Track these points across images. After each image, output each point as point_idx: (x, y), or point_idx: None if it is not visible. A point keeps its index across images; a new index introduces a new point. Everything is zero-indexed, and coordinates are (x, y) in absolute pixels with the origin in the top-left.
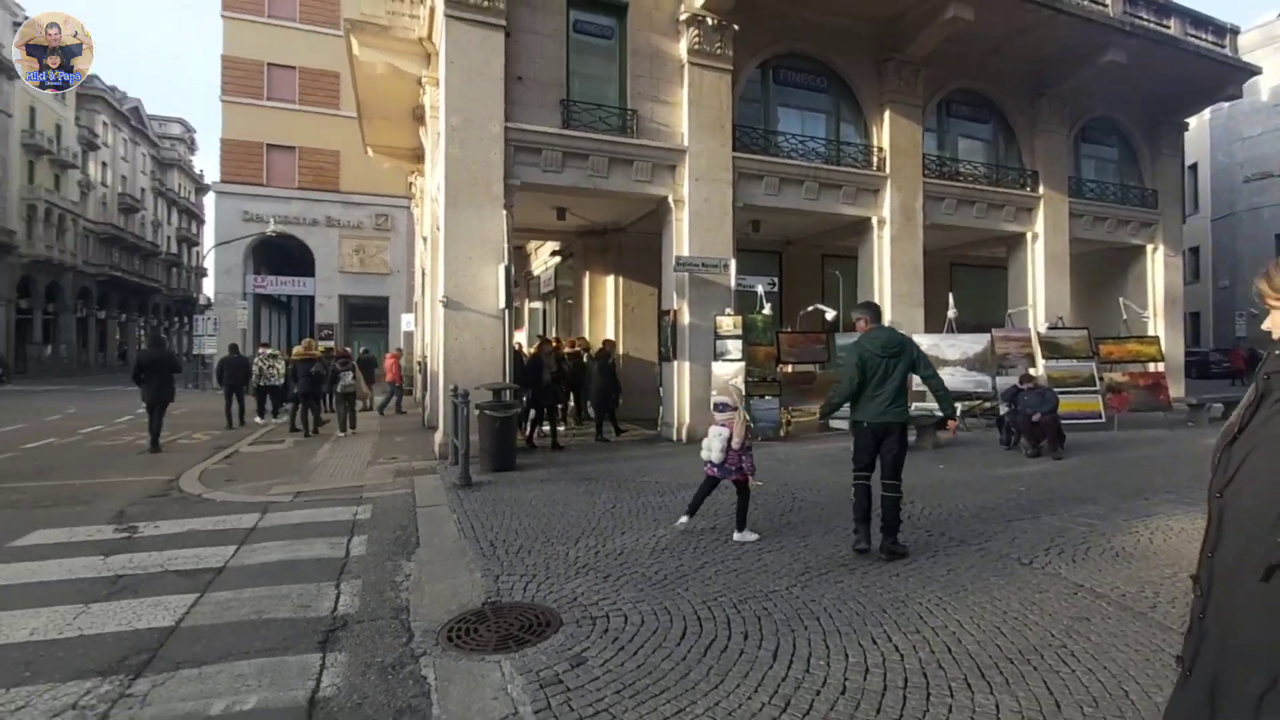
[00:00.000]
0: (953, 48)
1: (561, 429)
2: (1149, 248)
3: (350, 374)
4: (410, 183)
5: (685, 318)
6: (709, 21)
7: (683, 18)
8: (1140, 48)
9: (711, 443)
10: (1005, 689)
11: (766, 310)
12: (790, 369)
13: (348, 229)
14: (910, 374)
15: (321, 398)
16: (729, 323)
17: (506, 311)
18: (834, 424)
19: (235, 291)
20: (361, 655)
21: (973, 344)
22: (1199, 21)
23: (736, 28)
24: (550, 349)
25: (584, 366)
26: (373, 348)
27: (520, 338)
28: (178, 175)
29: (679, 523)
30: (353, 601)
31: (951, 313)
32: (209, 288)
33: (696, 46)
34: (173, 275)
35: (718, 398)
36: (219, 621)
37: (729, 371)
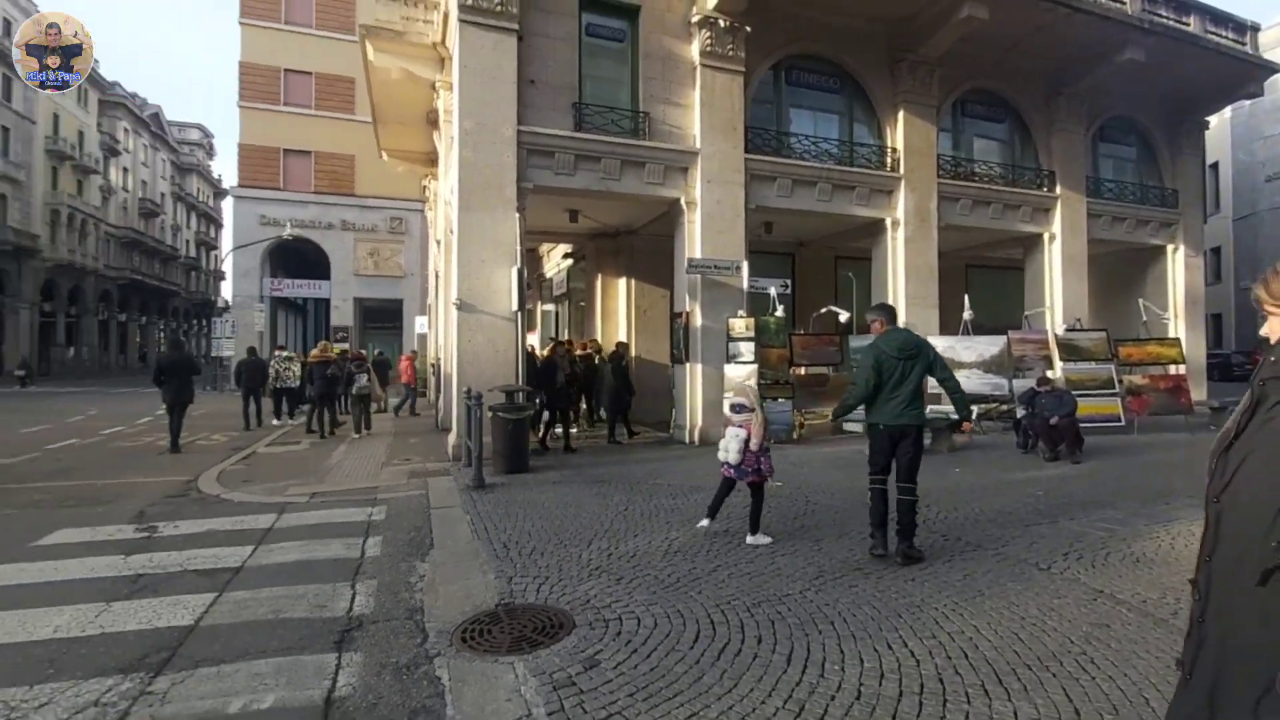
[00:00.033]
0: (967, 47)
1: (574, 431)
2: (1169, 248)
3: (365, 376)
4: (424, 186)
5: (697, 320)
6: (721, 23)
7: (695, 20)
8: (1160, 45)
9: (729, 444)
10: (1023, 696)
11: (779, 312)
12: (803, 371)
13: (362, 232)
14: (926, 376)
15: (337, 400)
16: (741, 325)
17: (519, 314)
18: (847, 427)
19: (253, 294)
20: (377, 655)
21: (989, 346)
22: (1219, 19)
23: (749, 29)
24: (564, 351)
25: (595, 369)
26: (387, 350)
27: (532, 340)
28: (196, 180)
29: (700, 525)
30: (368, 602)
31: (967, 315)
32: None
33: (708, 48)
34: (191, 278)
35: (735, 399)
36: (237, 621)
37: (741, 374)
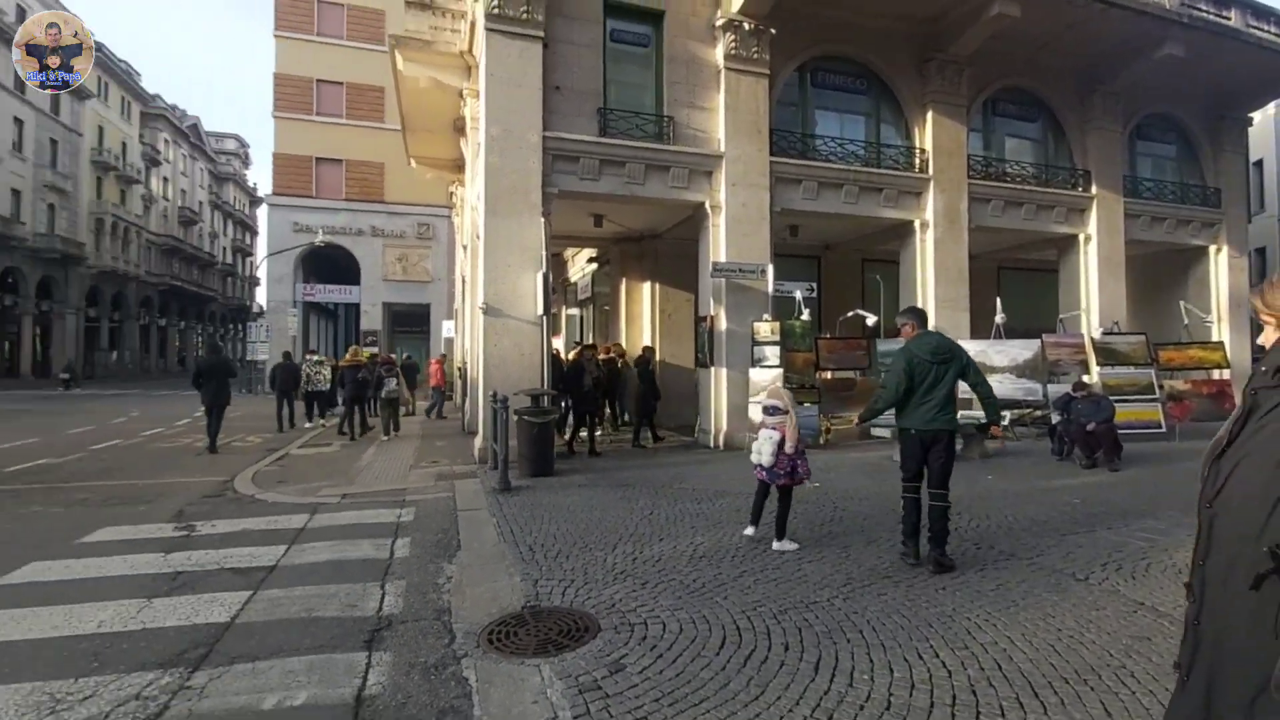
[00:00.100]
0: (998, 45)
1: (598, 434)
2: (1211, 249)
3: (394, 380)
4: (451, 192)
5: (722, 324)
6: (745, 26)
7: (719, 23)
8: (1199, 40)
9: (762, 446)
10: (1060, 710)
11: (805, 316)
12: (829, 375)
13: (391, 238)
14: (958, 381)
15: (367, 403)
16: (767, 329)
17: (545, 318)
18: (875, 432)
19: (286, 300)
20: (405, 655)
21: (1022, 350)
22: (1261, 12)
23: (774, 32)
24: (591, 355)
25: (619, 373)
26: (415, 354)
27: (557, 344)
28: (233, 189)
29: (745, 532)
30: (397, 602)
31: (999, 318)
32: (261, 296)
33: (733, 52)
34: (228, 284)
35: (768, 400)
36: (271, 618)
37: (767, 378)
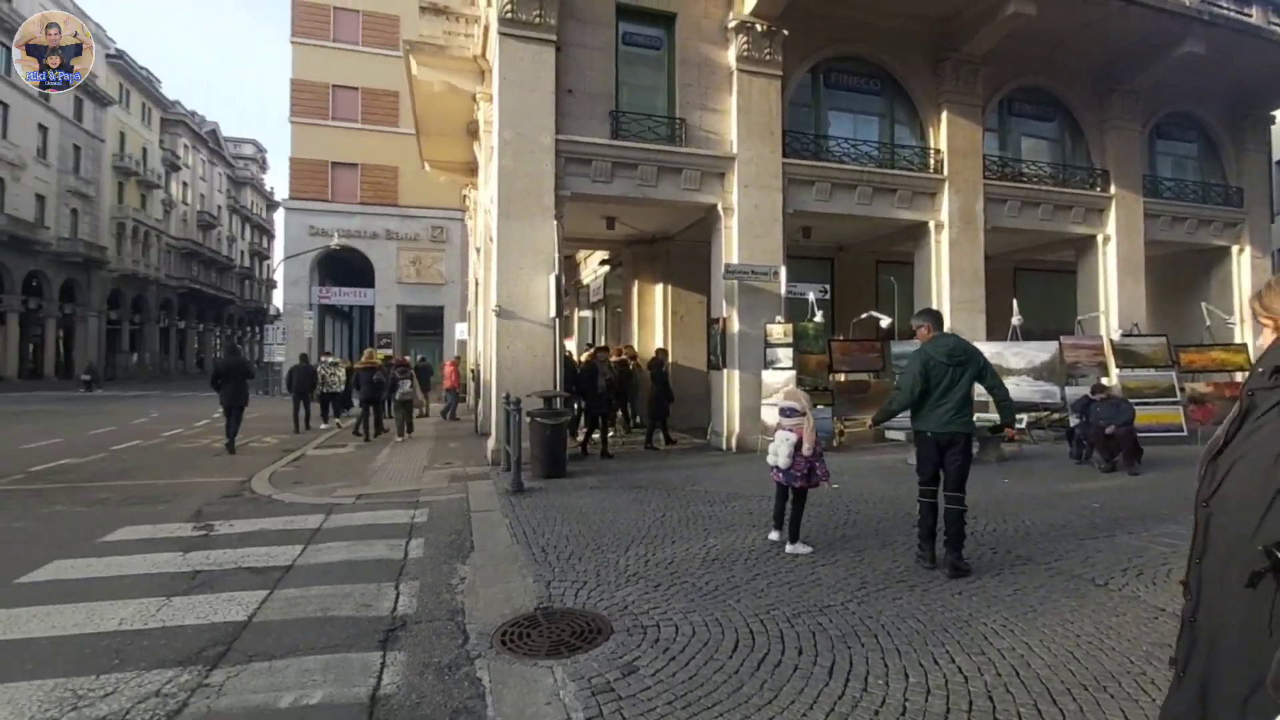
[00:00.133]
0: (1013, 44)
1: (610, 435)
2: (1234, 249)
3: (408, 382)
4: (464, 195)
5: (735, 326)
6: (758, 28)
7: (731, 25)
8: (1220, 38)
9: (778, 447)
10: (1079, 717)
11: (818, 318)
12: (843, 378)
13: (405, 241)
14: (975, 383)
15: (382, 404)
16: (779, 331)
17: (557, 320)
18: (889, 435)
19: (302, 302)
20: (419, 655)
21: (1039, 352)
22: None
23: (786, 33)
24: (605, 356)
25: (630, 375)
26: (428, 356)
27: (570, 346)
28: (250, 193)
29: (770, 536)
30: (411, 602)
31: (1016, 319)
32: (278, 299)
33: (745, 53)
34: (245, 287)
35: (785, 402)
36: (287, 618)
37: (779, 380)
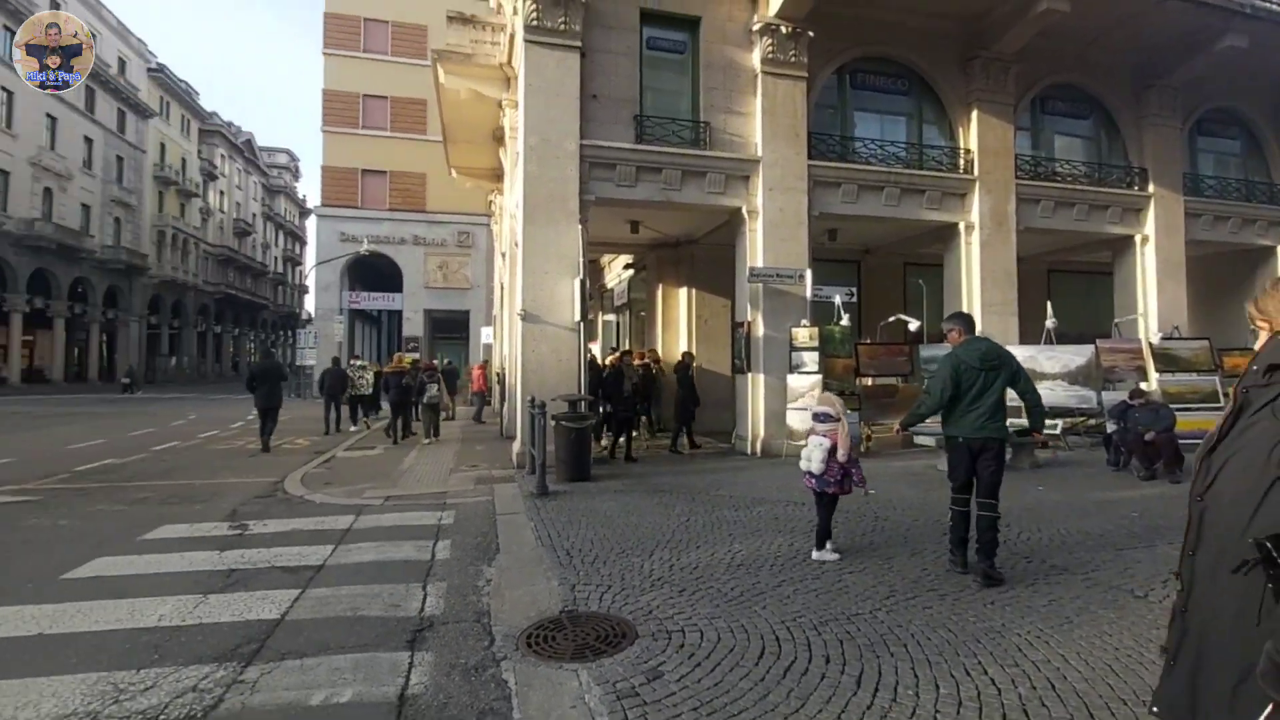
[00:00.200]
0: (1045, 42)
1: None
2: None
3: (435, 385)
4: (490, 201)
5: (759, 329)
6: (783, 30)
7: (756, 28)
8: (1263, 31)
9: (811, 453)
10: None
11: (844, 321)
12: (870, 382)
13: (432, 246)
14: (1007, 389)
15: (410, 408)
16: (805, 334)
17: (581, 324)
18: (919, 440)
19: (333, 307)
20: (446, 656)
21: (1074, 356)
22: None
23: (812, 34)
24: (630, 360)
25: (654, 378)
26: (454, 359)
27: (594, 350)
28: (284, 201)
29: (825, 547)
30: (438, 603)
31: (1050, 322)
32: (310, 304)
33: (770, 55)
34: (279, 292)
35: (819, 407)
36: (318, 616)
37: (805, 384)
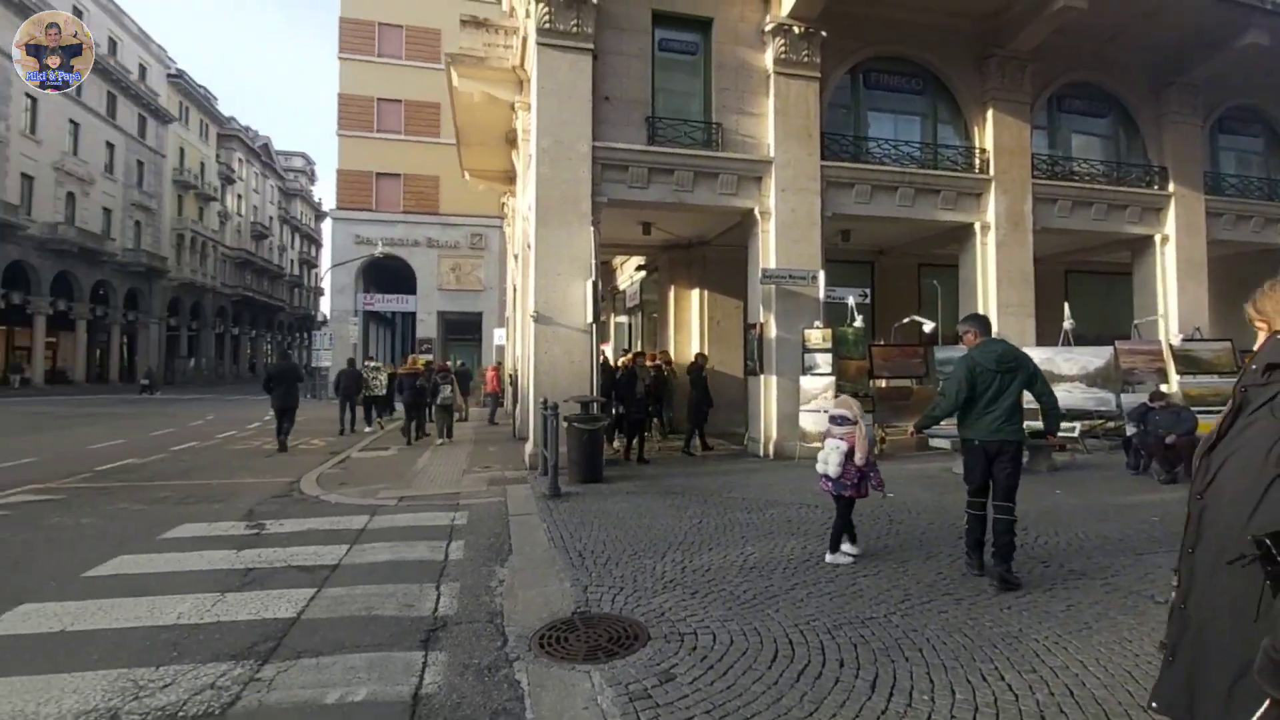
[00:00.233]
0: (1062, 39)
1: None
2: None
3: (449, 387)
4: (503, 203)
5: (772, 331)
6: (796, 30)
7: (768, 28)
8: None
9: (828, 456)
10: None
11: (858, 323)
12: (884, 384)
13: (445, 249)
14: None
15: (424, 409)
16: (818, 336)
17: (594, 326)
18: (934, 443)
19: (348, 309)
20: (460, 656)
21: (1093, 358)
22: None
23: (824, 34)
24: (643, 361)
25: (666, 380)
26: (467, 360)
27: (606, 352)
28: (300, 204)
29: (848, 550)
30: (451, 603)
31: (1068, 324)
32: (325, 305)
33: (783, 56)
34: (295, 295)
35: (836, 410)
36: (333, 615)
37: (818, 386)
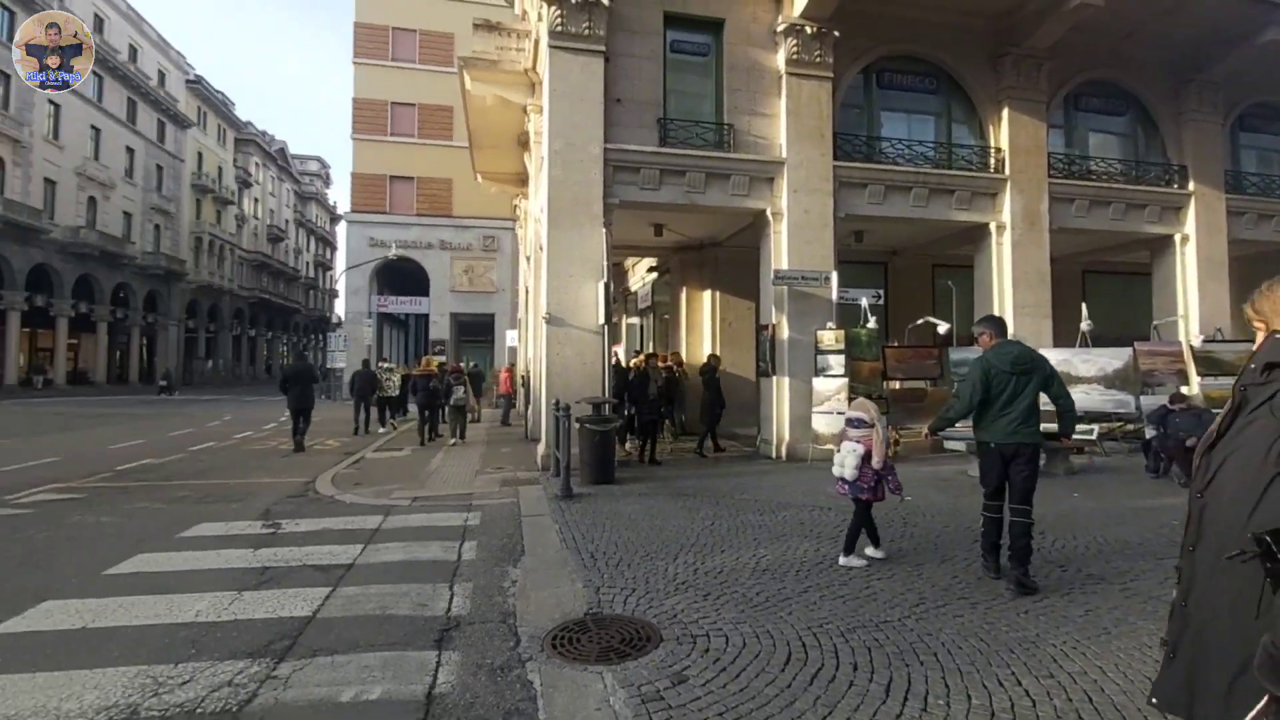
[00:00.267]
0: (1079, 37)
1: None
2: None
3: (462, 388)
4: (515, 205)
5: (784, 332)
6: (808, 30)
7: (780, 28)
8: None
9: (844, 458)
10: None
11: (871, 324)
12: (898, 385)
13: (458, 251)
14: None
15: (437, 410)
16: (831, 337)
17: (605, 327)
18: (948, 445)
19: (362, 311)
20: (473, 656)
21: (1111, 359)
22: None
23: (837, 34)
24: (656, 363)
25: (677, 381)
26: (480, 362)
27: (618, 353)
28: (315, 207)
29: (873, 554)
30: (464, 604)
31: (1085, 325)
32: (340, 307)
33: (795, 56)
34: (310, 297)
35: (853, 413)
36: (349, 614)
37: (831, 388)
